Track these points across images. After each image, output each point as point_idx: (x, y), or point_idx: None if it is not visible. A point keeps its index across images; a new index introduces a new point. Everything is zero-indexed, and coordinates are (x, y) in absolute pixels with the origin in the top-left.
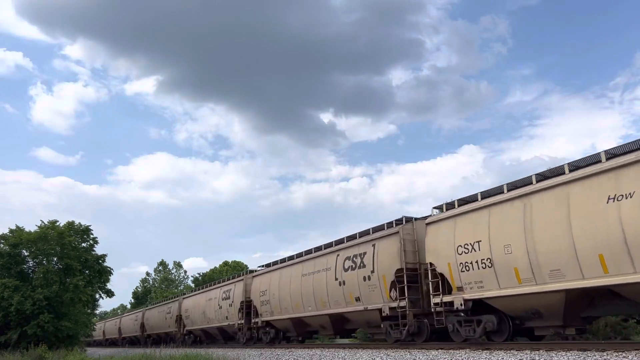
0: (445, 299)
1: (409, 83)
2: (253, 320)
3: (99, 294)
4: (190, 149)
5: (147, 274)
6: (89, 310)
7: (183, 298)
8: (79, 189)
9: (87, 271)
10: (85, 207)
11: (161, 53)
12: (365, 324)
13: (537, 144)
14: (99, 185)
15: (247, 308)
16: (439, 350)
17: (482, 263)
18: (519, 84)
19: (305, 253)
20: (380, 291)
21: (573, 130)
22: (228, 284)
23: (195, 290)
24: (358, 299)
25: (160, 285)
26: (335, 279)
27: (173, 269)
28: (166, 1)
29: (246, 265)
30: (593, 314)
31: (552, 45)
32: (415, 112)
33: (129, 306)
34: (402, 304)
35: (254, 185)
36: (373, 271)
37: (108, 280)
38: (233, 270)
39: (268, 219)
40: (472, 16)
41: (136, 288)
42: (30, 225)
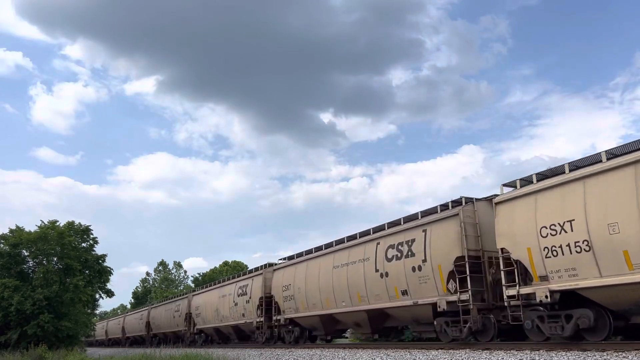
0: (524, 291)
1: (409, 83)
2: (274, 318)
3: (99, 294)
4: (190, 149)
5: (147, 274)
6: (89, 310)
7: (193, 295)
8: (79, 189)
9: (87, 271)
10: (85, 207)
11: (161, 53)
12: (412, 320)
13: (537, 144)
14: (99, 185)
15: (267, 304)
16: (439, 350)
17: (577, 246)
18: (519, 84)
19: (336, 243)
20: (434, 283)
21: (573, 130)
22: (245, 279)
23: (202, 288)
24: (405, 293)
25: (160, 285)
26: (376, 270)
27: (173, 269)
28: (166, 1)
29: (246, 265)
30: None
31: (552, 45)
32: (415, 112)
33: (129, 306)
34: (464, 297)
35: (254, 185)
36: (425, 260)
37: (108, 280)
38: (233, 271)
39: (268, 219)
40: (472, 16)
41: (136, 288)
42: (30, 225)
